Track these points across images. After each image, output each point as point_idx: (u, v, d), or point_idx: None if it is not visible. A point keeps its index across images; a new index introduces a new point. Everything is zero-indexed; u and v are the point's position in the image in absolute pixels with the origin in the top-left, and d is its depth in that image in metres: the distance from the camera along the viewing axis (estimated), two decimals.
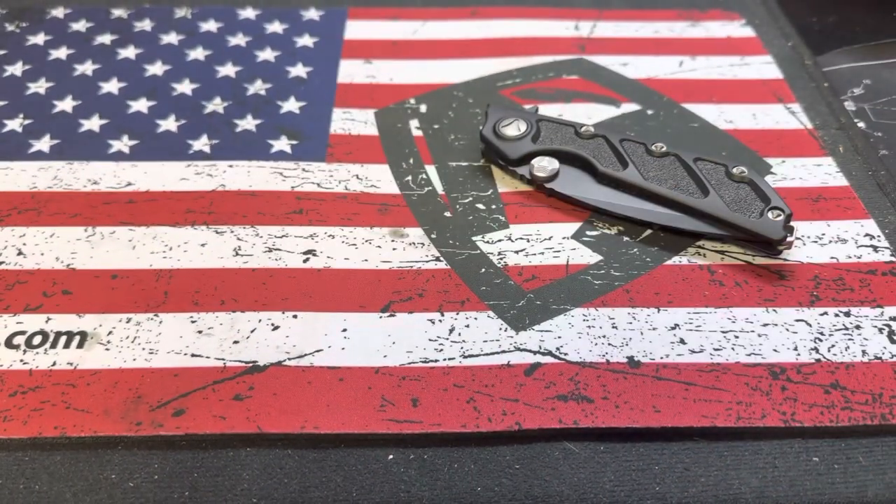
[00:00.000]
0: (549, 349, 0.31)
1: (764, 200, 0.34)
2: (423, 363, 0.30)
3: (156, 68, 0.46)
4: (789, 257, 0.34)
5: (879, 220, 0.36)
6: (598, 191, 0.36)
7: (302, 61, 0.47)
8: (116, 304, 0.32)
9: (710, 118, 0.42)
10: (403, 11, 0.51)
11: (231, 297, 0.32)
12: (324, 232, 0.35)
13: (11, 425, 0.28)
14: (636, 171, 0.36)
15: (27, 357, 0.30)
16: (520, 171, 0.38)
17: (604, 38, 0.49)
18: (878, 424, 0.28)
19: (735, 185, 0.35)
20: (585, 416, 0.28)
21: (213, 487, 0.27)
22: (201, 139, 0.41)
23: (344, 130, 0.41)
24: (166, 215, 0.36)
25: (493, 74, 0.46)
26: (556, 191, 0.37)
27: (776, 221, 0.33)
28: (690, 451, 0.28)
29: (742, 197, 0.34)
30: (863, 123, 0.43)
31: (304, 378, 0.29)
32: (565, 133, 0.38)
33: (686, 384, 0.29)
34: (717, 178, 0.35)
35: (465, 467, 0.27)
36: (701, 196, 0.35)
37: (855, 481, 0.27)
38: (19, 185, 0.38)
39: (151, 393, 0.29)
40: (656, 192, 0.35)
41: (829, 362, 0.30)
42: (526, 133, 0.38)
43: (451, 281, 0.33)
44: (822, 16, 0.54)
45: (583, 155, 0.37)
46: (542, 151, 0.38)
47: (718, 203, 0.34)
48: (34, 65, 0.46)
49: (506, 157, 0.38)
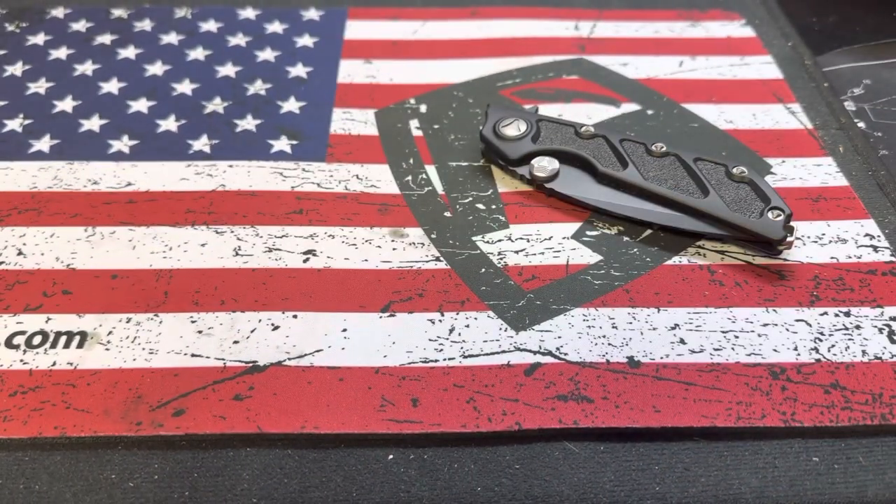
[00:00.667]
0: (549, 349, 0.31)
1: (764, 200, 0.34)
2: (423, 363, 0.30)
3: (156, 68, 0.46)
4: (789, 257, 0.34)
5: (879, 220, 0.36)
6: (598, 191, 0.36)
7: (302, 61, 0.47)
8: (116, 304, 0.32)
9: (710, 118, 0.42)
10: (403, 11, 0.51)
11: (231, 297, 0.32)
12: (324, 232, 0.35)
13: (11, 425, 0.28)
14: (636, 171, 0.36)
15: (27, 357, 0.30)
16: (520, 171, 0.38)
17: (604, 38, 0.49)
18: (878, 424, 0.28)
19: (735, 185, 0.35)
20: (585, 416, 0.28)
21: (213, 487, 0.27)
22: (201, 139, 0.41)
23: (344, 130, 0.41)
24: (166, 215, 0.36)
25: (493, 74, 0.46)
26: (555, 191, 0.37)
27: (776, 221, 0.33)
28: (690, 451, 0.28)
29: (742, 197, 0.34)
30: (863, 123, 0.43)
31: (304, 378, 0.29)
32: (565, 133, 0.38)
33: (686, 384, 0.29)
34: (717, 178, 0.35)
35: (465, 467, 0.27)
36: (701, 196, 0.35)
37: (855, 481, 0.27)
38: (19, 185, 0.38)
39: (151, 393, 0.29)
40: (656, 192, 0.35)
41: (829, 362, 0.30)
42: (526, 133, 0.38)
43: (451, 281, 0.33)
44: (822, 16, 0.54)
45: (583, 155, 0.37)
46: (542, 151, 0.38)
47: (718, 203, 0.34)
48: (34, 65, 0.46)
49: (506, 157, 0.38)
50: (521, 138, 0.38)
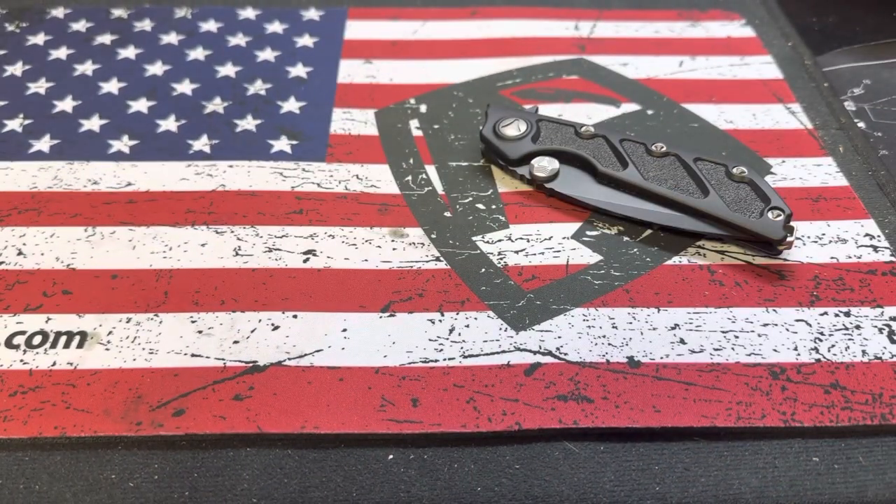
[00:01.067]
0: (549, 349, 0.31)
1: (764, 200, 0.34)
2: (423, 363, 0.30)
3: (156, 68, 0.46)
4: (789, 257, 0.34)
5: (879, 220, 0.36)
6: (599, 191, 0.36)
7: (302, 61, 0.47)
8: (116, 304, 0.32)
9: (710, 118, 0.42)
10: (403, 11, 0.51)
11: (231, 297, 0.32)
12: (324, 232, 0.35)
13: (11, 425, 0.28)
14: (636, 171, 0.36)
15: (27, 357, 0.30)
16: (520, 172, 0.38)
17: (604, 38, 0.49)
18: (878, 424, 0.28)
19: (735, 185, 0.35)
20: (585, 416, 0.28)
21: (213, 487, 0.27)
22: (201, 139, 0.41)
23: (344, 130, 0.41)
24: (166, 215, 0.36)
25: (493, 74, 0.46)
26: (556, 191, 0.37)
27: (776, 221, 0.33)
28: (690, 451, 0.28)
29: (742, 197, 0.34)
30: (863, 123, 0.43)
31: (304, 378, 0.29)
32: (565, 133, 0.38)
33: (686, 384, 0.29)
34: (717, 178, 0.35)
35: (465, 467, 0.27)
36: (701, 196, 0.35)
37: (855, 481, 0.27)
38: (19, 185, 0.38)
39: (151, 393, 0.29)
40: (656, 192, 0.35)
41: (829, 362, 0.30)
42: (526, 133, 0.38)
43: (451, 281, 0.33)
44: (822, 16, 0.54)
45: (583, 155, 0.37)
46: (542, 151, 0.38)
47: (718, 203, 0.34)
48: (34, 65, 0.46)
49: (506, 157, 0.38)
50: (521, 138, 0.38)
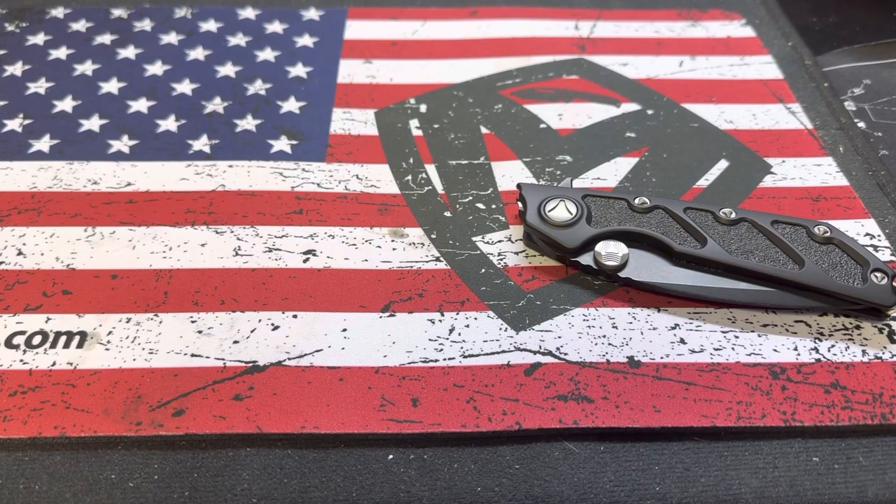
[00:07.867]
0: (549, 349, 0.31)
1: (859, 262, 0.31)
2: (423, 363, 0.30)
3: (156, 68, 0.46)
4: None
5: (879, 220, 0.36)
6: (678, 273, 0.32)
7: (302, 61, 0.47)
8: (116, 304, 0.32)
9: (710, 118, 0.42)
10: (403, 11, 0.51)
11: (231, 297, 0.32)
12: (324, 232, 0.35)
13: (11, 425, 0.28)
14: (718, 247, 0.32)
15: (27, 357, 0.30)
16: (584, 262, 0.32)
17: (604, 38, 0.49)
18: (878, 424, 0.28)
19: (822, 248, 0.31)
20: (585, 416, 0.28)
21: (213, 487, 0.27)
22: (201, 139, 0.41)
23: (344, 130, 0.41)
24: (166, 215, 0.36)
25: (493, 74, 0.46)
26: (632, 280, 0.32)
27: (883, 285, 0.30)
28: (690, 451, 0.28)
29: (836, 262, 0.31)
30: (863, 123, 0.43)
31: (304, 378, 0.29)
32: (618, 208, 0.33)
33: (686, 384, 0.29)
34: (802, 241, 0.32)
35: (465, 467, 0.27)
36: (796, 267, 0.31)
37: (855, 481, 0.27)
38: (19, 185, 0.38)
39: (151, 393, 0.29)
40: (746, 268, 0.31)
41: (829, 362, 0.30)
42: (578, 216, 0.33)
43: (451, 281, 0.33)
44: (822, 16, 0.54)
45: (653, 235, 0.32)
46: (605, 235, 0.33)
47: (818, 273, 0.30)
48: (34, 65, 0.46)
49: (564, 248, 0.32)
50: (574, 222, 0.33)
